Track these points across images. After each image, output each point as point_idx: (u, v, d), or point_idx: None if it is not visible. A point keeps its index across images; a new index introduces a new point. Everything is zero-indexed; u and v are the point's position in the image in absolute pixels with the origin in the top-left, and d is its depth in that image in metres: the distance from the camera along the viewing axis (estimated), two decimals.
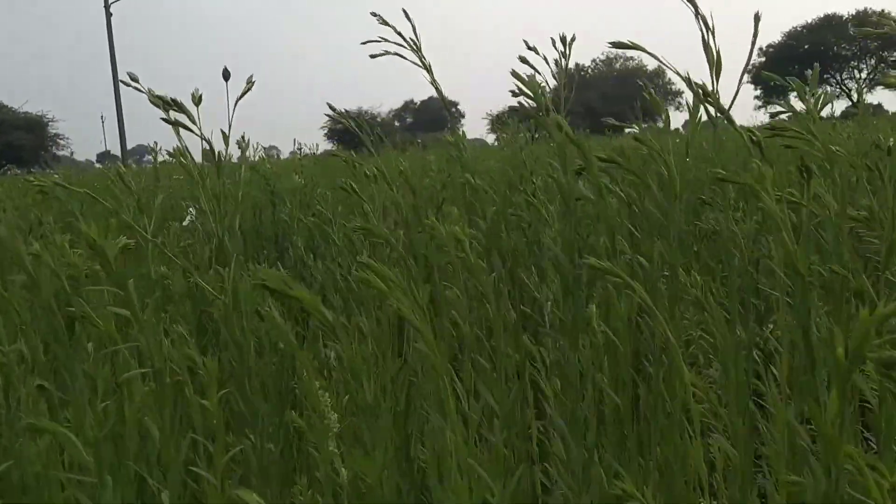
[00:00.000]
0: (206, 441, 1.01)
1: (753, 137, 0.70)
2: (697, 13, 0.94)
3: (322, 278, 1.85)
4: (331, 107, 1.56)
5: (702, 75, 1.03)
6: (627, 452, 1.18)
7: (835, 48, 44.97)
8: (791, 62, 45.17)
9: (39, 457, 1.06)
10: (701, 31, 0.94)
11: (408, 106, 59.98)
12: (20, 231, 0.94)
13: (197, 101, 1.01)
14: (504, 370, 1.12)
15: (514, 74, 1.07)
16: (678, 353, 0.94)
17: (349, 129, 1.46)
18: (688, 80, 0.97)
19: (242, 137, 1.60)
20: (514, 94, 1.07)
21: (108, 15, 34.73)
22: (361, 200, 1.08)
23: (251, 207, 2.71)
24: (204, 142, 1.04)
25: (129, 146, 35.99)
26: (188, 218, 1.74)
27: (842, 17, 44.93)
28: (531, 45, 1.31)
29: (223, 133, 1.08)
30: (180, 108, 0.98)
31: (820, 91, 1.10)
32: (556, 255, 0.98)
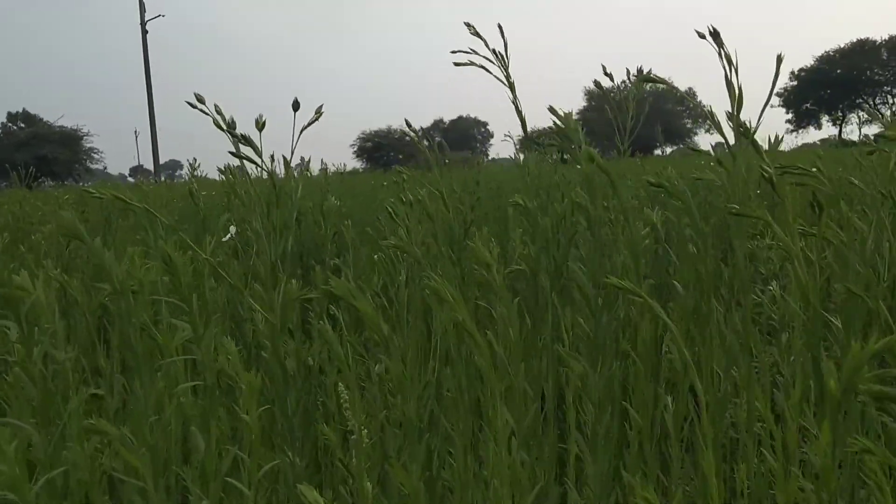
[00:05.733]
0: (245, 455, 1.06)
1: (765, 174, 0.73)
2: (721, 52, 0.98)
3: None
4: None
5: (726, 98, 1.07)
6: (648, 470, 1.21)
7: (867, 73, 44.59)
8: (823, 86, 44.86)
9: (84, 463, 1.11)
10: (724, 69, 0.98)
11: (437, 125, 60.29)
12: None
13: (260, 126, 1.05)
14: (529, 388, 1.16)
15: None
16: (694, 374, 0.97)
17: (378, 149, 1.50)
18: (710, 114, 1.01)
19: (302, 159, 1.65)
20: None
21: (144, 32, 35.32)
22: (396, 224, 1.13)
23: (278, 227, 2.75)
24: (265, 172, 1.08)
25: (162, 161, 36.47)
26: (228, 235, 1.79)
27: (875, 41, 44.58)
28: (608, 70, 1.37)
29: (284, 158, 1.12)
30: (248, 141, 1.02)
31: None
32: (579, 277, 1.02)
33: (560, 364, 1.31)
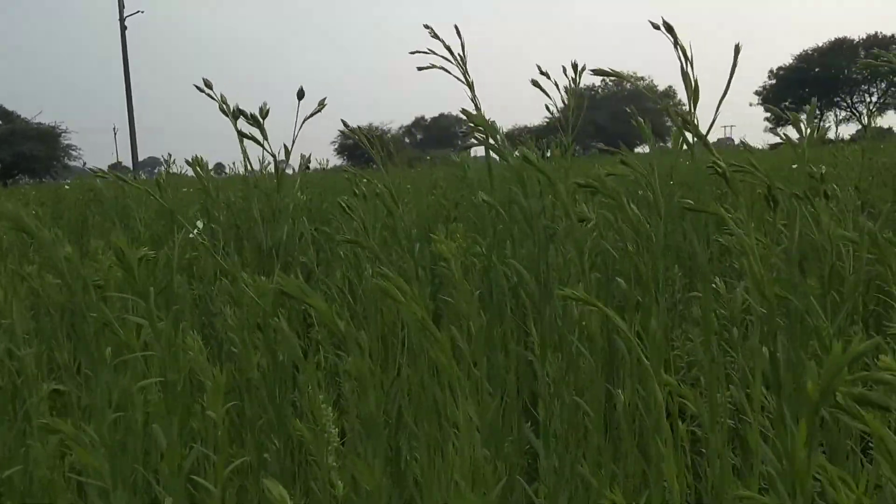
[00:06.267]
0: (210, 451, 1.05)
1: (718, 169, 0.74)
2: (676, 43, 0.98)
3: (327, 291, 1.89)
4: (344, 123, 1.60)
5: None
6: (602, 464, 1.21)
7: (845, 71, 44.96)
8: (801, 85, 45.20)
9: (45, 461, 1.10)
10: (680, 60, 0.97)
11: (419, 122, 60.15)
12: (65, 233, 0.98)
13: (264, 114, 1.03)
14: (493, 383, 1.16)
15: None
16: (653, 373, 0.98)
17: (359, 145, 1.48)
18: (666, 109, 1.01)
19: (302, 156, 1.63)
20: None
21: (123, 28, 35.03)
22: (351, 218, 1.12)
23: (251, 222, 2.71)
24: (270, 157, 1.07)
25: (141, 158, 36.21)
26: (196, 230, 1.78)
27: (853, 40, 44.95)
28: (543, 69, 1.37)
29: (285, 147, 1.11)
30: (256, 122, 1.01)
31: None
32: (521, 274, 1.02)
33: (515, 359, 1.30)
